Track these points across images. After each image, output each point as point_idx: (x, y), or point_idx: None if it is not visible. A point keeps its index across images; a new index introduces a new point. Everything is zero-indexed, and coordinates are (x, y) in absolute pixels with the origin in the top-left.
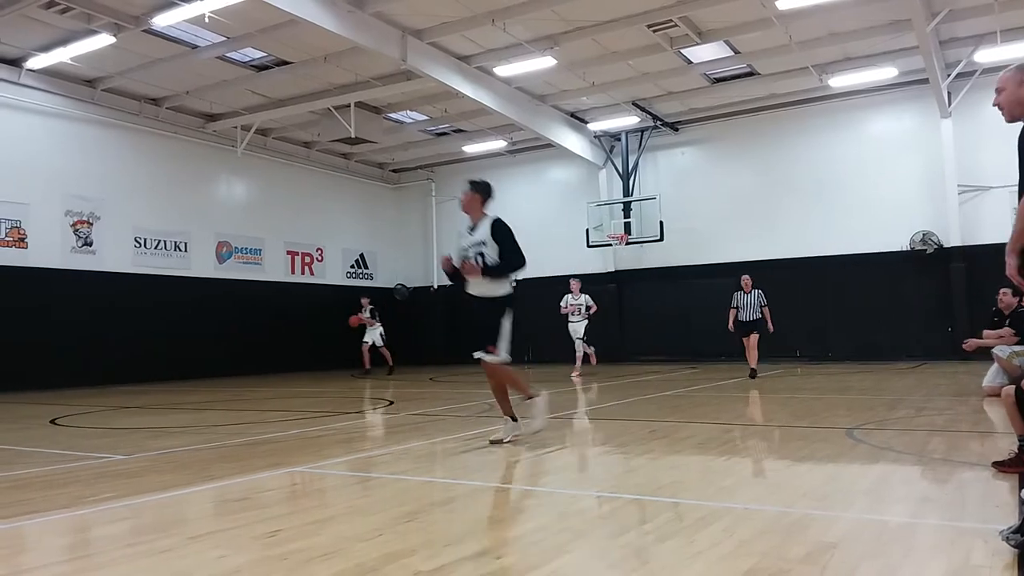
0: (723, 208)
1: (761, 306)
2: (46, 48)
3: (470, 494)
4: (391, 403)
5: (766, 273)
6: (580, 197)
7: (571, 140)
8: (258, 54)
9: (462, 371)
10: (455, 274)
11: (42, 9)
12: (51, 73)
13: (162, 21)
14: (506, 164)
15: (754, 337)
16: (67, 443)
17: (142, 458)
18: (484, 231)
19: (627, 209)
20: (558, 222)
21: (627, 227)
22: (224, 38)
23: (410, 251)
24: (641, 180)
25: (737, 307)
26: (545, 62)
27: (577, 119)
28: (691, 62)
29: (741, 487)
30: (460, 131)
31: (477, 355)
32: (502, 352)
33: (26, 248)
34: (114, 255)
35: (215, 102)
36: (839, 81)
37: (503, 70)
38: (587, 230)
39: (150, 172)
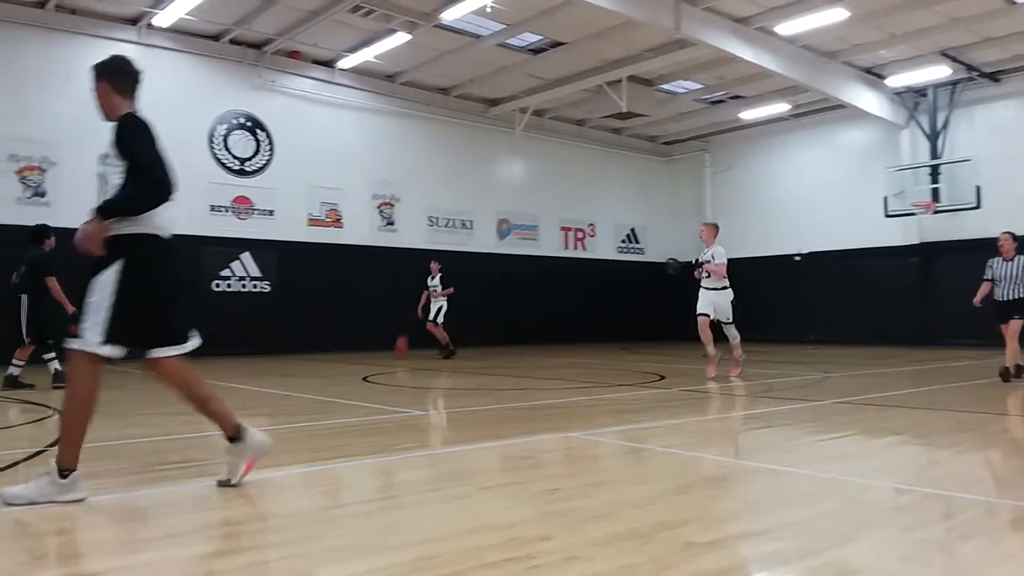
0: None
1: None
2: (353, 49)
3: (746, 473)
4: (662, 378)
5: None
6: (876, 161)
7: (866, 99)
8: (534, 38)
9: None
10: None
11: (349, 13)
12: (358, 71)
13: (450, 15)
14: (789, 129)
15: (1015, 324)
16: (376, 398)
17: (437, 414)
18: (112, 140)
19: (935, 173)
20: (850, 190)
21: (935, 193)
22: (503, 25)
23: (682, 224)
24: (952, 139)
25: (993, 279)
26: (836, 15)
27: (873, 75)
28: (1015, 1)
29: None
30: (737, 97)
31: (74, 342)
32: (89, 334)
33: (342, 227)
34: (411, 233)
35: (496, 87)
36: None
37: (786, 28)
38: (885, 198)
39: (440, 156)
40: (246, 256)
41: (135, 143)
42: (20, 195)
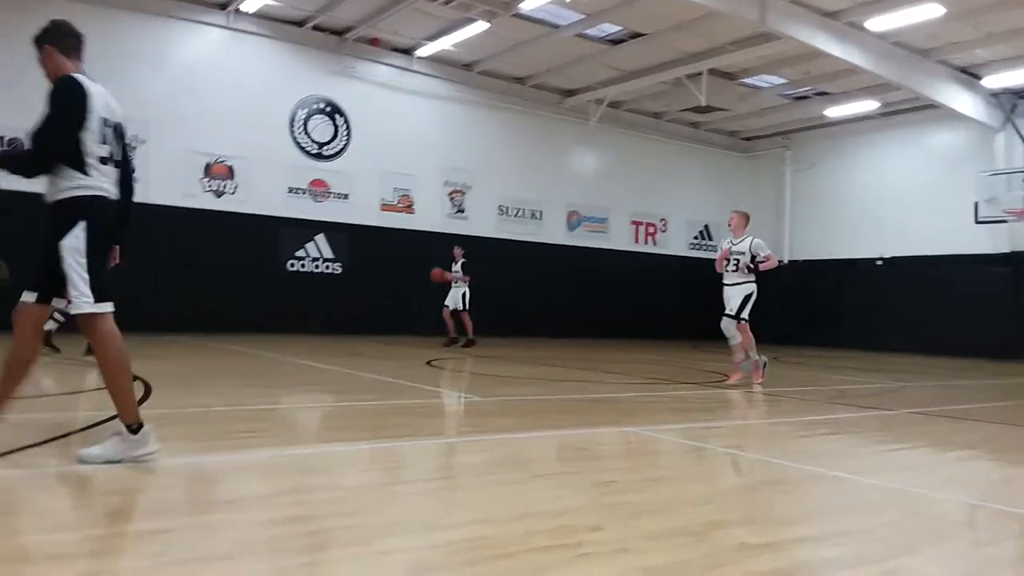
0: None
1: None
2: (432, 37)
3: (808, 478)
4: (728, 377)
5: None
6: (968, 165)
7: (960, 100)
8: (613, 28)
9: (810, 353)
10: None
11: (429, 2)
12: (436, 59)
13: (528, 5)
14: (877, 128)
15: None
16: (439, 382)
17: (496, 401)
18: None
19: None
20: (939, 194)
21: None
22: (583, 15)
23: (759, 222)
24: None
25: None
26: (930, 11)
27: (969, 75)
28: None
29: None
30: (823, 93)
31: (32, 299)
32: (82, 301)
33: (413, 213)
34: (481, 221)
35: (572, 78)
36: None
37: (877, 23)
38: (976, 204)
39: (513, 145)
40: (320, 238)
41: (50, 108)
42: None
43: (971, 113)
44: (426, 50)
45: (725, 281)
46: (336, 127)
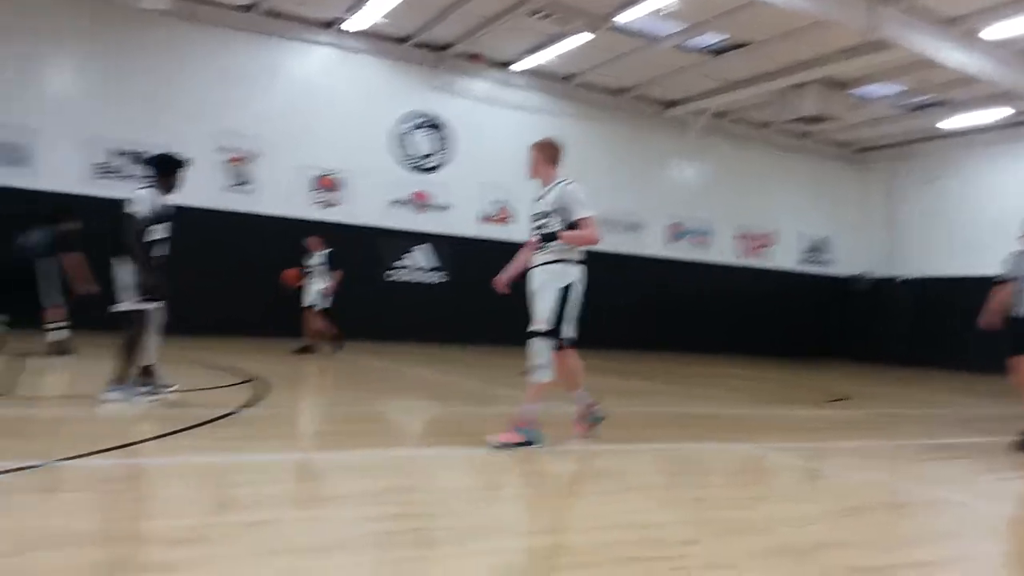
0: None
1: None
2: (531, 51)
3: (926, 503)
4: (847, 398)
5: None
6: None
7: None
8: (715, 39)
9: (930, 373)
10: None
11: (527, 17)
12: (534, 73)
13: (624, 18)
14: (1002, 140)
15: None
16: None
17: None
18: None
19: None
20: None
21: None
22: (684, 25)
23: (873, 236)
24: None
25: (1017, 278)
26: None
27: None
28: None
29: None
30: (943, 103)
31: None
32: None
33: (512, 225)
34: None
35: (672, 89)
36: None
37: (995, 31)
38: None
39: (612, 157)
40: (421, 248)
41: None
42: (225, 183)
43: None
44: (524, 64)
45: (533, 261)
46: (437, 140)
